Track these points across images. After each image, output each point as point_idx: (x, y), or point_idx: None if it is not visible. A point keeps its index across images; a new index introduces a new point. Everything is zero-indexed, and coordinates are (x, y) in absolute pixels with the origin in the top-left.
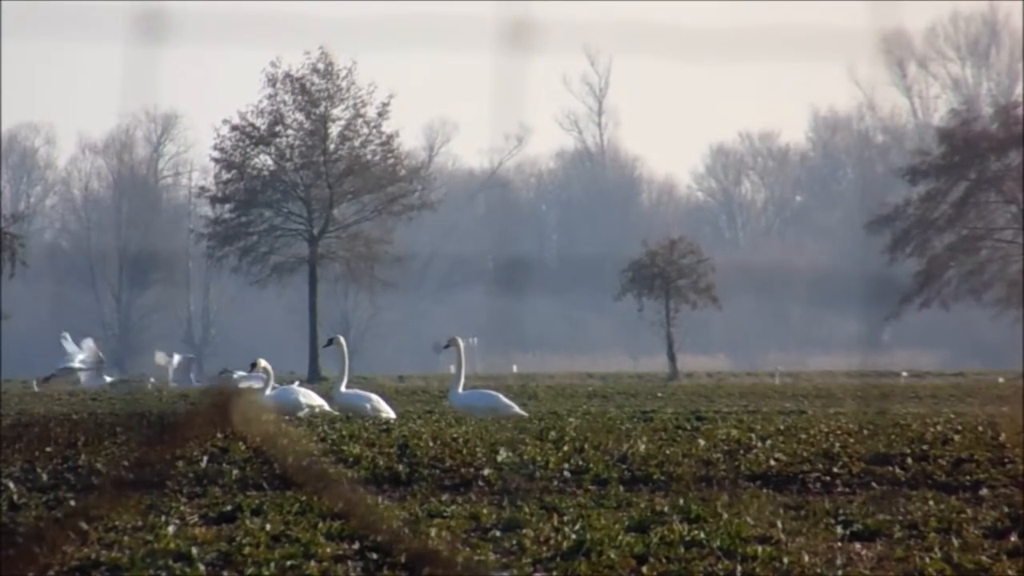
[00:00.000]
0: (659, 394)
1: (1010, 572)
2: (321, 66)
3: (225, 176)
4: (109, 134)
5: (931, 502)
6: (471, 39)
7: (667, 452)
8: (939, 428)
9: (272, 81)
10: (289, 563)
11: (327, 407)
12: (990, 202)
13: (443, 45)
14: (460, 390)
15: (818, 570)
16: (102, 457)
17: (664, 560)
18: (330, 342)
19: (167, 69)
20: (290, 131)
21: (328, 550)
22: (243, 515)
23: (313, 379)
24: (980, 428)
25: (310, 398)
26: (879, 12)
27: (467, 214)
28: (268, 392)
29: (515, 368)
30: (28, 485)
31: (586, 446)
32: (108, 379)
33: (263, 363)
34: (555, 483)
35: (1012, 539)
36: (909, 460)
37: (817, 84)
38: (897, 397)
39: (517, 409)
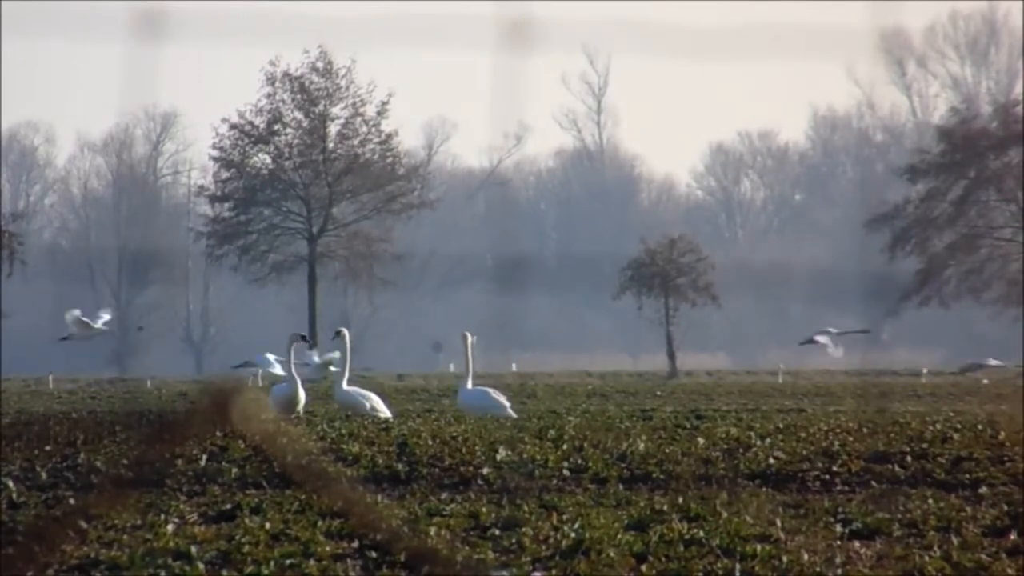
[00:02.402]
0: (658, 392)
1: (1009, 570)
2: (320, 65)
3: (224, 175)
4: (108, 132)
5: (930, 500)
6: (470, 38)
7: (666, 451)
8: (938, 426)
9: (271, 80)
10: (288, 562)
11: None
12: (989, 200)
13: (442, 44)
14: (469, 386)
15: (817, 568)
16: (101, 456)
17: (663, 559)
18: (337, 334)
19: (166, 68)
20: (289, 130)
21: (327, 549)
22: (242, 514)
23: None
24: (979, 426)
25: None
26: (878, 11)
27: (466, 213)
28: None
29: (514, 367)
30: (27, 483)
31: (585, 445)
32: None
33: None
34: (554, 482)
35: (1011, 537)
36: (908, 458)
37: (816, 83)
38: (896, 395)
39: (508, 410)
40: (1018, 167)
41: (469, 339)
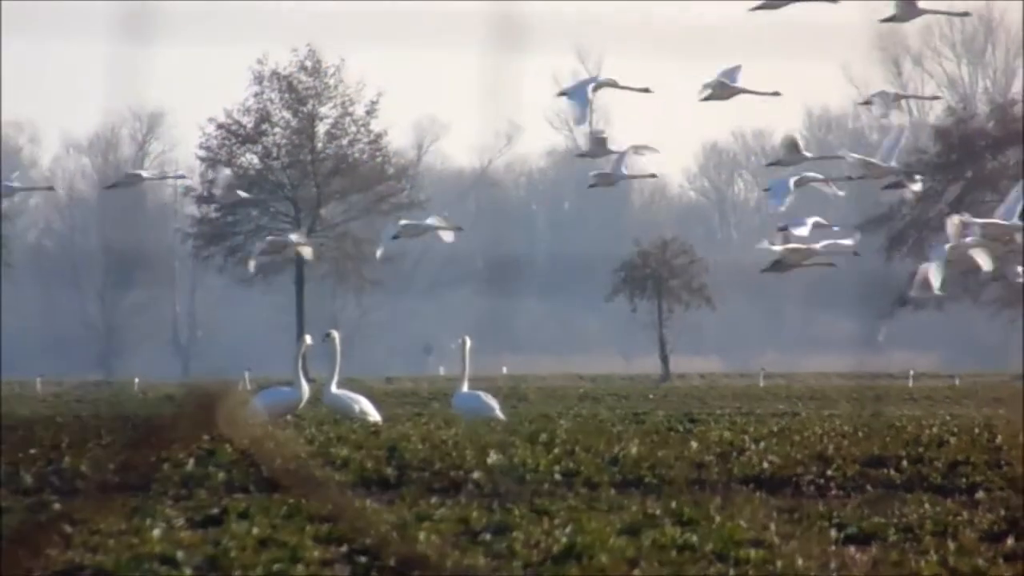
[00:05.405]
0: (651, 396)
1: (1006, 575)
2: (309, 64)
3: (211, 175)
4: (94, 132)
5: (926, 505)
6: (461, 37)
7: (659, 455)
8: (934, 430)
9: (259, 79)
10: (276, 567)
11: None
12: (986, 201)
13: (433, 43)
14: (464, 390)
15: (812, 574)
16: (86, 460)
17: (656, 564)
18: (327, 335)
19: (153, 67)
20: (277, 129)
21: (316, 554)
22: (230, 518)
23: None
24: (976, 430)
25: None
26: (874, 10)
27: (456, 213)
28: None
29: (505, 370)
30: (11, 488)
31: (577, 448)
32: None
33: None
34: (546, 486)
35: (1008, 542)
36: (904, 463)
37: (811, 82)
38: (892, 399)
39: (496, 411)
40: (1015, 167)
41: (466, 343)
